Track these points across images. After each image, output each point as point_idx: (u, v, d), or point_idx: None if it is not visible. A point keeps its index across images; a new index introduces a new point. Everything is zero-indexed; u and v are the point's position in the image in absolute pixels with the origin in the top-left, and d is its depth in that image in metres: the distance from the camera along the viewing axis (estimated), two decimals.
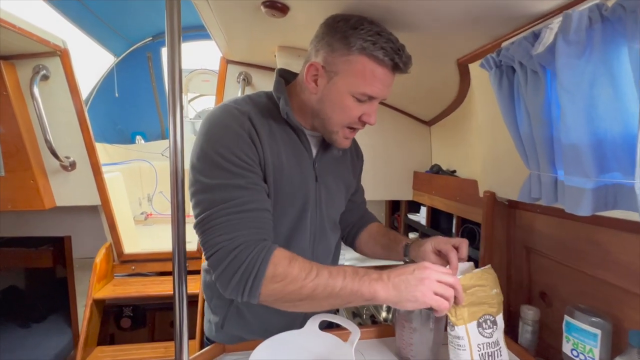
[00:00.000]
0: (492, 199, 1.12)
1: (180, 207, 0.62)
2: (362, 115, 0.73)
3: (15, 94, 1.46)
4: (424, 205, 1.79)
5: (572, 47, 0.61)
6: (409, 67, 0.72)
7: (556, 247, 0.96)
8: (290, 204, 0.76)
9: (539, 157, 0.75)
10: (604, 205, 0.66)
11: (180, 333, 0.67)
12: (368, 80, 0.68)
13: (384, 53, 0.66)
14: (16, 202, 1.51)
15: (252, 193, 0.66)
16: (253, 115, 0.72)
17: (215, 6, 0.98)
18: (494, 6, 0.73)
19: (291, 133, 0.77)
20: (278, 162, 0.72)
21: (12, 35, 1.26)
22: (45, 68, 1.50)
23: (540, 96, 0.70)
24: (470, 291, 0.80)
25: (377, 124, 1.78)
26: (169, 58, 0.59)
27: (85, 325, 1.56)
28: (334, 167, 0.86)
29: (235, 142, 0.67)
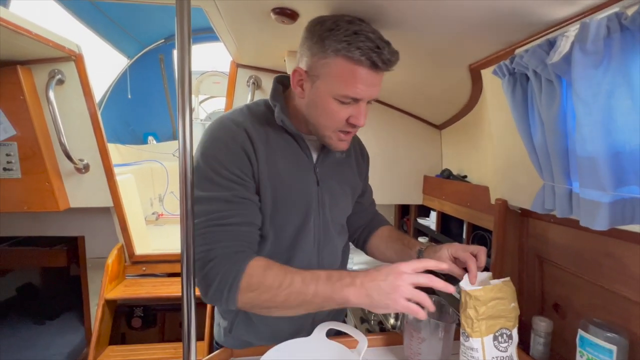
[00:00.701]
0: (504, 207, 1.10)
1: (189, 209, 0.62)
2: (349, 117, 0.71)
3: (31, 98, 1.49)
4: (434, 210, 1.77)
5: (589, 56, 0.59)
6: (392, 64, 0.68)
7: (570, 258, 0.93)
8: (292, 210, 0.77)
9: (553, 168, 0.73)
10: (621, 220, 0.63)
11: (188, 336, 0.67)
12: (348, 82, 0.66)
13: (360, 52, 0.64)
14: (31, 204, 1.55)
15: (236, 207, 0.69)
16: (249, 125, 0.73)
17: (225, 12, 0.98)
18: (508, 12, 0.71)
19: (290, 139, 0.78)
20: (275, 170, 0.74)
21: (28, 41, 1.29)
22: (61, 72, 1.53)
23: (555, 106, 0.69)
24: (490, 304, 0.79)
25: (387, 127, 1.80)
26: (179, 60, 0.60)
27: (97, 324, 1.59)
28: (337, 170, 0.86)
29: (226, 156, 0.69)
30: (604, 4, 0.60)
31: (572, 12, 0.65)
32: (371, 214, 1.08)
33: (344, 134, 0.75)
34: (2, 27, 1.15)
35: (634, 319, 0.76)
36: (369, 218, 1.06)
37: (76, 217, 1.85)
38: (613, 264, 0.79)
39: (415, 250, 0.91)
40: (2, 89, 1.46)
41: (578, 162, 0.65)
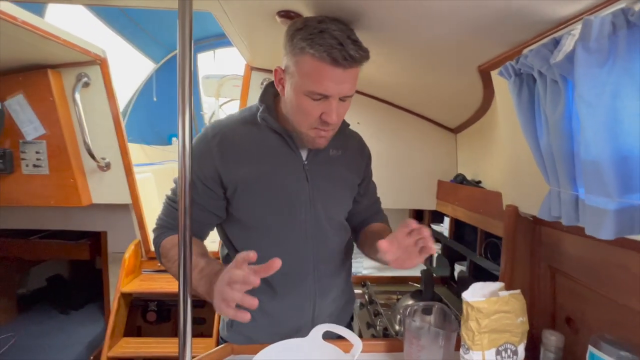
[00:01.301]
0: (514, 213, 1.05)
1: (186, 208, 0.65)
2: (321, 114, 0.73)
3: (60, 99, 1.59)
4: (447, 215, 1.73)
5: (593, 55, 0.56)
6: (357, 60, 0.69)
7: (584, 270, 0.88)
8: (277, 205, 0.81)
9: (559, 173, 0.70)
10: (629, 229, 0.59)
11: (184, 332, 0.69)
12: (314, 78, 0.69)
13: (322, 49, 0.66)
14: (58, 199, 1.65)
15: None
16: (228, 133, 0.81)
17: (233, 16, 1.01)
18: (513, 11, 0.69)
19: (277, 138, 0.82)
20: (255, 170, 0.80)
21: (57, 46, 1.38)
22: (87, 76, 1.62)
23: (560, 108, 0.65)
24: (494, 317, 0.76)
25: (400, 130, 1.78)
26: (179, 63, 0.62)
27: (113, 316, 1.66)
28: (329, 167, 0.87)
29: (196, 161, 0.79)
30: (608, 1, 0.57)
31: (578, 9, 0.62)
32: (369, 214, 1.04)
33: (319, 131, 0.76)
34: (33, 33, 1.24)
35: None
36: (364, 218, 1.04)
37: (100, 212, 1.94)
38: (628, 278, 0.74)
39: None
40: (34, 91, 1.56)
41: (583, 167, 0.61)
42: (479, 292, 0.83)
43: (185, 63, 0.63)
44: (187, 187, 0.65)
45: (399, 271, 1.88)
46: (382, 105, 1.76)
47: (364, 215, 1.04)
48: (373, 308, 1.49)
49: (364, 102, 1.75)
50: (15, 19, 1.16)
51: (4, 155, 1.58)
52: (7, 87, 1.56)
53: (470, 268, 1.55)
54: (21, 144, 1.61)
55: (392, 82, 1.43)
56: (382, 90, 1.64)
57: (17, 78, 1.55)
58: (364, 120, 1.77)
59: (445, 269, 1.73)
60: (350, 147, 0.94)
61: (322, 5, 0.90)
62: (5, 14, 1.12)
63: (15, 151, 1.61)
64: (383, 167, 1.83)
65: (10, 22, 1.14)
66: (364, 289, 1.71)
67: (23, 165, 1.62)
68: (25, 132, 1.60)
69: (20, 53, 1.43)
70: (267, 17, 0.96)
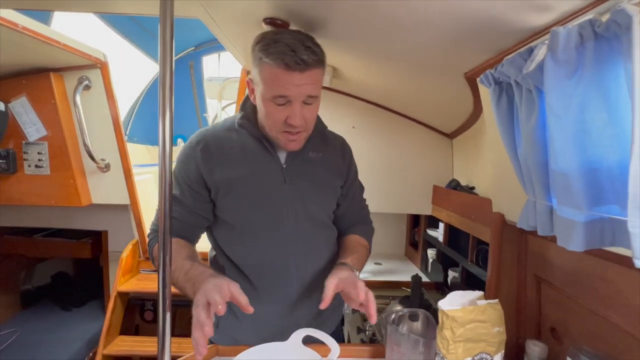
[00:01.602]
0: (500, 221, 1.04)
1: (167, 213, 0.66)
2: (287, 118, 0.77)
3: (61, 101, 1.63)
4: (442, 221, 1.71)
5: (561, 66, 0.56)
6: (309, 64, 0.73)
7: (567, 281, 0.87)
8: (257, 205, 0.86)
9: (534, 183, 0.69)
10: (599, 241, 0.59)
11: (162, 332, 0.69)
12: (273, 83, 0.74)
13: (274, 57, 0.72)
14: (58, 199, 1.69)
15: (177, 204, 0.87)
16: (211, 137, 0.87)
17: (221, 23, 1.02)
18: (490, 20, 0.69)
19: (257, 143, 0.87)
20: (236, 173, 0.85)
21: (58, 50, 1.42)
22: (88, 79, 1.66)
23: (534, 118, 0.65)
24: (469, 326, 0.76)
25: (396, 135, 1.78)
26: (160, 67, 0.64)
27: (109, 315, 1.69)
28: (309, 168, 0.90)
29: (182, 165, 0.87)
30: (581, 10, 0.57)
31: (550, 19, 0.62)
32: (354, 220, 1.05)
33: (289, 135, 0.80)
34: (33, 38, 1.27)
35: (628, 352, 0.69)
36: (351, 223, 1.04)
37: (101, 212, 1.98)
38: (608, 290, 0.73)
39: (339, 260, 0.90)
40: (37, 93, 1.61)
41: (553, 178, 0.61)
42: (457, 300, 0.82)
43: (166, 67, 0.64)
44: (167, 190, 0.66)
45: (393, 276, 1.88)
46: (377, 110, 1.76)
47: (349, 220, 1.04)
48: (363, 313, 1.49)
49: (358, 106, 1.75)
50: (16, 25, 1.19)
51: (7, 155, 1.63)
52: (11, 89, 1.60)
53: (462, 274, 1.54)
54: (24, 144, 1.65)
55: (384, 87, 1.43)
56: (377, 95, 1.64)
57: (21, 81, 1.60)
58: (359, 124, 1.77)
59: (439, 274, 1.72)
60: (331, 150, 0.95)
61: (306, 13, 0.91)
62: (6, 20, 1.15)
63: (18, 152, 1.66)
64: (379, 171, 1.83)
65: (11, 29, 1.18)
66: None
67: (25, 165, 1.66)
68: (27, 133, 1.64)
69: (23, 57, 1.47)
70: (254, 24, 0.98)
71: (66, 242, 2.14)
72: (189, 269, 0.78)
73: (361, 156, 1.86)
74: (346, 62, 1.23)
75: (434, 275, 1.80)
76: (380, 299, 1.69)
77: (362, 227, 1.04)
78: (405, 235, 2.29)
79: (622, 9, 0.48)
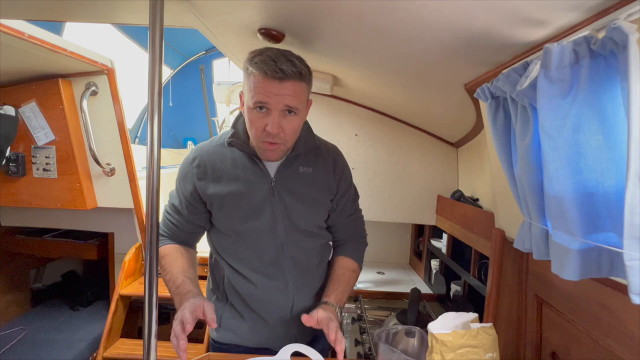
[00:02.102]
0: (501, 237, 1.00)
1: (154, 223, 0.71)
2: (265, 126, 0.81)
3: (69, 107, 1.66)
4: (445, 232, 1.67)
5: (555, 84, 0.53)
6: (287, 74, 0.77)
7: (568, 304, 0.82)
8: (247, 216, 0.90)
9: (529, 204, 0.66)
10: (595, 271, 0.55)
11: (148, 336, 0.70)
12: (255, 90, 0.79)
13: (258, 65, 0.77)
14: (64, 202, 1.72)
15: (177, 213, 0.96)
16: (205, 154, 0.93)
17: (218, 33, 1.02)
18: (485, 32, 0.66)
19: (247, 158, 0.91)
20: (228, 187, 0.90)
21: (65, 57, 1.45)
22: (95, 85, 1.69)
23: (528, 136, 0.62)
24: (460, 351, 0.73)
25: (399, 143, 1.75)
26: (149, 73, 0.66)
27: (110, 317, 1.71)
28: (297, 183, 0.93)
29: (180, 179, 0.95)
30: (577, 25, 0.54)
31: (546, 34, 0.59)
32: (347, 234, 1.06)
33: (268, 144, 0.84)
34: (40, 46, 1.30)
35: None
36: (343, 237, 1.06)
37: (107, 214, 2.01)
38: (609, 318, 0.69)
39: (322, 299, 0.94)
40: (46, 99, 1.65)
41: (547, 201, 0.58)
42: (450, 322, 0.79)
43: (155, 73, 0.66)
44: (155, 192, 0.70)
45: (395, 286, 1.84)
46: (380, 117, 1.73)
47: (340, 233, 1.05)
48: (361, 325, 1.46)
49: (361, 114, 1.73)
50: (23, 34, 1.22)
51: (16, 159, 1.67)
52: (22, 95, 1.65)
53: (465, 288, 1.49)
54: (33, 148, 1.69)
55: (385, 96, 1.41)
56: (380, 102, 1.62)
57: (31, 86, 1.64)
58: (362, 132, 1.75)
59: (442, 287, 1.68)
60: (321, 164, 0.97)
61: (301, 24, 0.90)
62: (13, 29, 1.18)
63: (28, 155, 1.70)
64: (382, 180, 1.80)
65: (18, 37, 1.21)
66: (357, 303, 1.68)
67: (34, 169, 1.70)
68: (36, 137, 1.68)
69: (32, 64, 1.51)
70: (250, 35, 0.97)
71: (73, 242, 2.19)
72: (180, 283, 0.86)
73: (364, 165, 1.87)
74: (345, 71, 1.21)
75: (437, 287, 1.76)
76: (380, 311, 1.66)
77: (353, 246, 1.05)
78: (409, 244, 2.24)
79: (618, 27, 0.44)
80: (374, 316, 1.59)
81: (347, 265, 1.00)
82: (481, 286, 1.30)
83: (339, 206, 1.00)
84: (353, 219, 1.05)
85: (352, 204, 1.04)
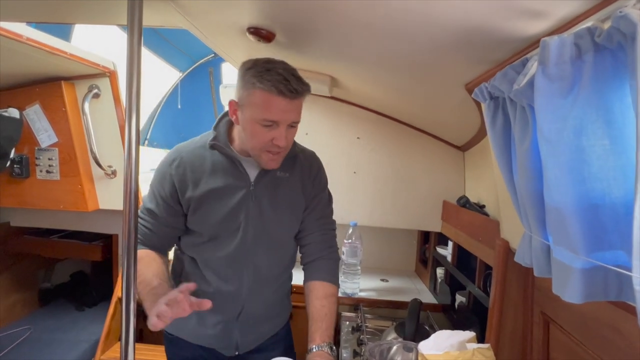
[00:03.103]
0: (505, 248, 0.93)
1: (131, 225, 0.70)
2: (273, 139, 0.83)
3: (72, 109, 1.67)
4: (451, 239, 1.60)
5: (554, 83, 0.47)
6: (300, 93, 0.80)
7: (576, 324, 0.75)
8: (222, 219, 0.90)
9: (529, 215, 0.60)
10: (602, 293, 0.49)
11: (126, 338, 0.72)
12: (264, 108, 0.80)
13: (270, 84, 0.77)
14: (66, 203, 1.73)
15: (152, 217, 0.92)
16: (185, 155, 0.92)
17: (208, 33, 1.00)
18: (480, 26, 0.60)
19: (227, 161, 0.91)
20: (206, 187, 0.89)
21: (66, 60, 1.46)
22: (97, 87, 1.69)
23: (527, 140, 0.56)
24: None
25: (403, 146, 1.68)
26: (127, 74, 0.66)
27: (109, 320, 1.70)
28: (275, 188, 0.94)
29: (158, 180, 0.93)
30: (580, 16, 0.48)
31: (545, 27, 0.53)
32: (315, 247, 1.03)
33: (271, 154, 0.85)
34: (39, 49, 1.31)
35: None
36: (311, 252, 1.03)
37: (111, 216, 2.02)
38: (620, 342, 0.62)
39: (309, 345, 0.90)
40: (49, 101, 1.66)
41: (547, 213, 0.52)
42: (444, 342, 0.73)
43: (133, 74, 0.65)
44: (133, 196, 0.69)
45: (399, 295, 1.77)
46: (383, 120, 1.67)
47: (310, 238, 1.01)
48: (360, 336, 1.40)
49: (363, 116, 1.68)
50: (21, 37, 1.23)
51: (21, 160, 1.69)
52: (26, 97, 1.67)
53: (469, 299, 1.42)
54: (36, 150, 1.71)
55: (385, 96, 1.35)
56: (382, 104, 1.56)
57: (35, 89, 1.66)
58: (364, 135, 1.69)
59: (447, 296, 1.60)
60: (297, 169, 0.99)
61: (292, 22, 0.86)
62: (10, 32, 1.19)
63: (31, 157, 1.72)
64: (385, 185, 1.74)
65: (16, 40, 1.22)
66: (357, 312, 1.62)
67: (37, 170, 1.72)
68: (40, 139, 1.70)
69: (33, 67, 1.52)
70: (240, 34, 0.94)
71: (79, 243, 2.20)
72: (156, 285, 0.84)
73: (366, 168, 1.81)
74: (342, 71, 1.17)
75: (442, 297, 1.68)
76: (381, 320, 1.60)
77: (325, 265, 1.01)
78: (415, 252, 2.17)
79: (625, 15, 0.39)
80: (375, 326, 1.53)
81: (325, 293, 0.96)
82: (486, 298, 1.22)
83: (309, 206, 1.00)
84: (323, 223, 1.03)
85: (323, 207, 1.03)
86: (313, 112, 1.69)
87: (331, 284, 1.00)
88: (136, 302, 0.74)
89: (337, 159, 1.70)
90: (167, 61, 3.37)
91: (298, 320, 1.23)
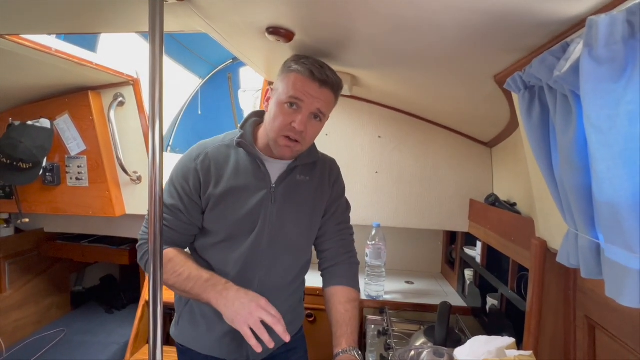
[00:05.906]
0: (542, 248, 0.88)
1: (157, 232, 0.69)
2: (292, 122, 0.84)
3: (99, 118, 1.73)
4: (479, 240, 1.53)
5: (603, 66, 0.43)
6: (329, 82, 0.85)
7: (627, 329, 0.69)
8: (240, 219, 0.90)
9: (574, 212, 0.55)
10: None
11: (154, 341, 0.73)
12: (293, 86, 0.84)
13: (305, 67, 0.84)
14: (95, 209, 1.79)
15: (172, 214, 0.90)
16: (210, 151, 0.92)
17: (228, 36, 0.99)
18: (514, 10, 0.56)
19: (251, 161, 0.92)
20: (228, 186, 0.90)
21: (92, 70, 1.51)
22: (122, 95, 1.74)
23: (571, 131, 0.51)
24: None
25: (427, 144, 1.64)
26: (150, 81, 0.67)
27: (137, 323, 1.74)
28: (296, 190, 0.95)
29: (181, 175, 0.91)
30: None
31: (590, 6, 0.48)
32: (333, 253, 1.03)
33: (288, 140, 0.86)
34: (67, 60, 1.36)
35: None
36: (329, 257, 1.03)
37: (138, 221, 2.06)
38: None
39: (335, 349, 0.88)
40: (77, 111, 1.72)
41: (597, 209, 0.47)
42: (481, 348, 0.69)
43: (155, 79, 0.66)
44: (158, 199, 0.70)
45: (425, 298, 1.71)
46: (405, 117, 1.63)
47: (329, 244, 1.02)
48: (387, 340, 1.36)
49: (384, 114, 1.64)
50: (50, 49, 1.28)
51: (52, 169, 1.76)
52: (56, 107, 1.74)
53: (502, 302, 1.35)
54: (66, 158, 1.78)
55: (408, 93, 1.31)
56: (403, 101, 1.52)
57: (64, 99, 1.72)
58: (386, 134, 1.66)
59: (477, 299, 1.53)
60: (318, 174, 1.00)
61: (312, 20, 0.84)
62: (40, 45, 1.24)
63: (62, 165, 1.78)
64: (409, 184, 1.70)
65: (46, 52, 1.26)
66: (382, 315, 1.58)
67: (67, 178, 1.78)
68: (70, 148, 1.76)
69: (62, 78, 1.58)
70: (259, 34, 0.93)
71: (107, 248, 2.28)
72: (209, 277, 0.84)
73: (389, 168, 1.77)
74: (363, 68, 1.14)
75: (471, 299, 1.61)
76: (408, 324, 1.55)
77: (345, 270, 1.01)
78: (442, 253, 2.10)
79: None
80: (402, 330, 1.48)
81: (347, 298, 0.96)
82: (521, 301, 1.15)
83: (328, 212, 1.01)
84: (342, 228, 1.03)
85: (342, 213, 1.04)
86: (333, 112, 1.66)
87: (353, 289, 0.99)
88: (163, 305, 0.74)
89: (359, 159, 1.67)
90: (187, 68, 3.46)
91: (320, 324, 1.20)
